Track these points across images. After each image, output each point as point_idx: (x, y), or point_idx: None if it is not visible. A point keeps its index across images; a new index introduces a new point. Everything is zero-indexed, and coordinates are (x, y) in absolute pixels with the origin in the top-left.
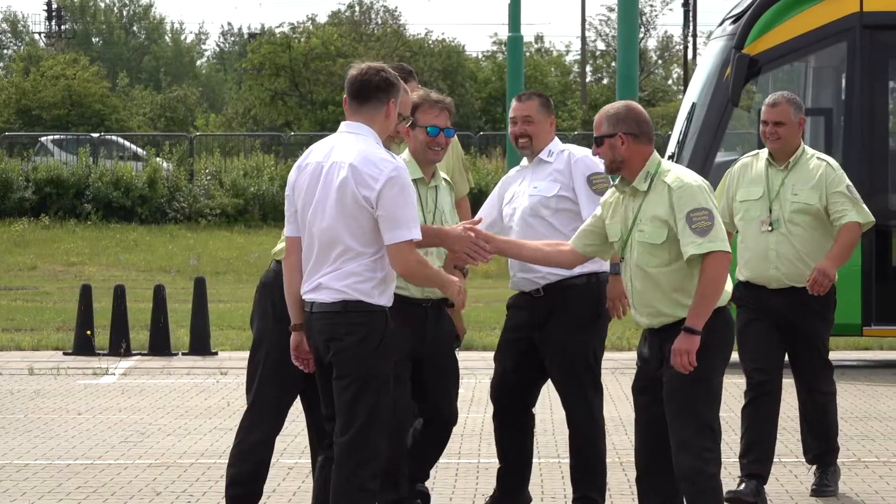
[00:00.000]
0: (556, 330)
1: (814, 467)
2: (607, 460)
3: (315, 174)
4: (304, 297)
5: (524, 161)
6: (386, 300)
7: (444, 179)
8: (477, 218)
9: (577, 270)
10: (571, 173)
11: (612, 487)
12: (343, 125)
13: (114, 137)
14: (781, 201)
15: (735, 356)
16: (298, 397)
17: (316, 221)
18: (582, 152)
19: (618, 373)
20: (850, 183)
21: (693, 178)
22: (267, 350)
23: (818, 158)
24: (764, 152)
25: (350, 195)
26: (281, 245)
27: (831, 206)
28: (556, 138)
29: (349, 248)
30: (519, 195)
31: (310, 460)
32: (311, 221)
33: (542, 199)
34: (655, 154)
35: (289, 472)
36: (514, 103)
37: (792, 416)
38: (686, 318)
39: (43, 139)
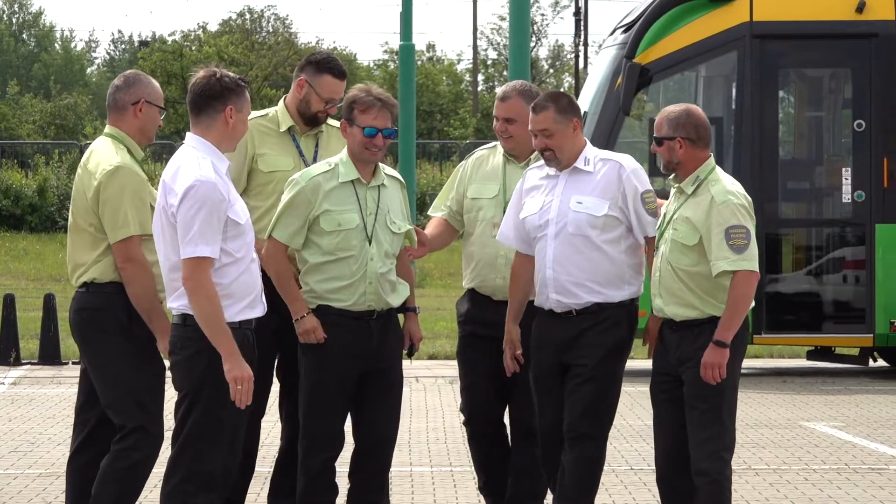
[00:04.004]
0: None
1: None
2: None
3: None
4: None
5: (543, 164)
6: (233, 315)
7: (393, 176)
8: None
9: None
10: (623, 190)
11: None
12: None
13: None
14: None
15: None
16: None
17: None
18: (630, 163)
19: None
20: None
21: (737, 192)
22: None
23: None
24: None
25: (162, 210)
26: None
27: None
28: (587, 141)
29: (177, 264)
30: (552, 207)
31: None
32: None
33: (590, 217)
34: (711, 160)
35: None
36: (530, 115)
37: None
38: (716, 332)
39: None
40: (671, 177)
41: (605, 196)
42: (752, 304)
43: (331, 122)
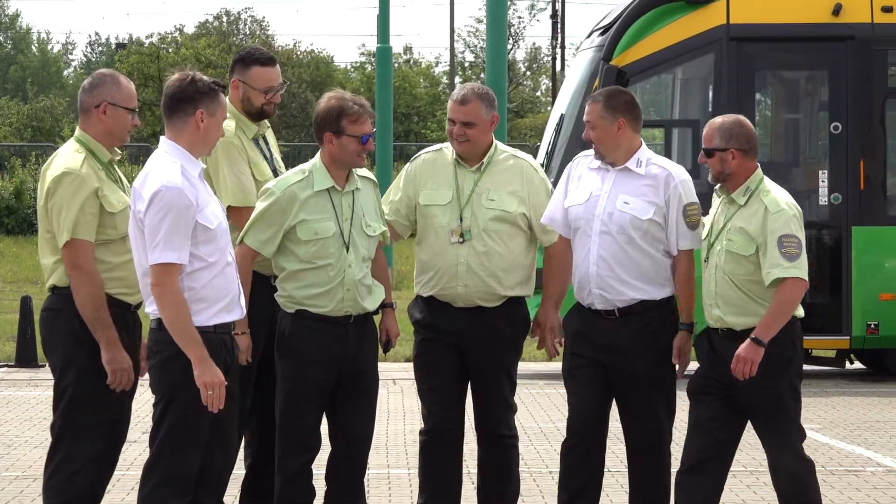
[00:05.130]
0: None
1: None
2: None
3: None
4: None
5: (594, 156)
6: (206, 319)
7: (365, 177)
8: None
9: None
10: (668, 197)
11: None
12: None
13: None
14: (474, 207)
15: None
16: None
17: None
18: (680, 172)
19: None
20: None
21: (789, 203)
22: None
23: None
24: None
25: (133, 216)
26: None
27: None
28: (643, 143)
29: (148, 270)
30: (599, 202)
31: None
32: None
33: (634, 219)
34: (759, 170)
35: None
36: (587, 104)
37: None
38: (755, 330)
39: None
40: (717, 187)
41: (651, 200)
42: (801, 311)
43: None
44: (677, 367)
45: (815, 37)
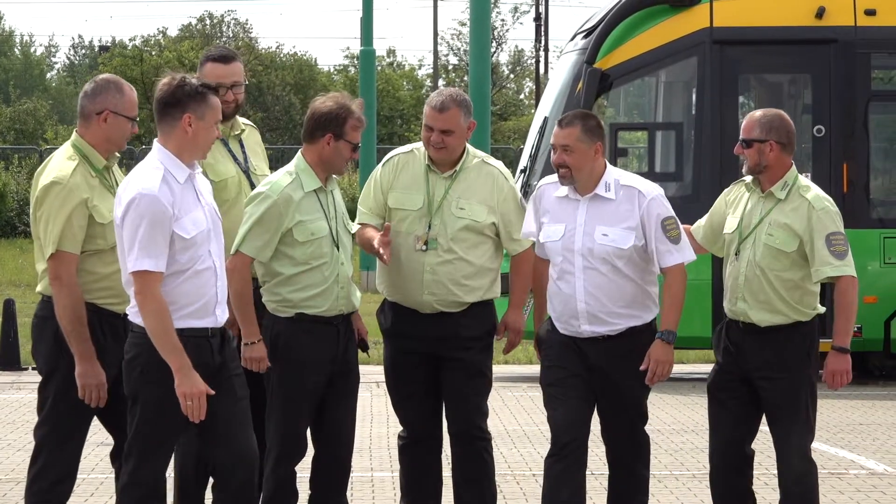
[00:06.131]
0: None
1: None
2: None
3: None
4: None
5: (558, 183)
6: (183, 324)
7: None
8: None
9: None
10: (643, 219)
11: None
12: None
13: None
14: (444, 216)
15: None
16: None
17: None
18: (650, 189)
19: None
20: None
21: (830, 200)
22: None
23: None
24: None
25: (116, 221)
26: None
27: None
28: (608, 165)
29: (129, 278)
30: (576, 237)
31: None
32: None
33: (616, 250)
34: (794, 166)
35: (98, 487)
36: (555, 129)
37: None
38: (834, 340)
39: None
40: (749, 179)
41: (628, 226)
42: (822, 308)
43: (244, 121)
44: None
45: (799, 40)
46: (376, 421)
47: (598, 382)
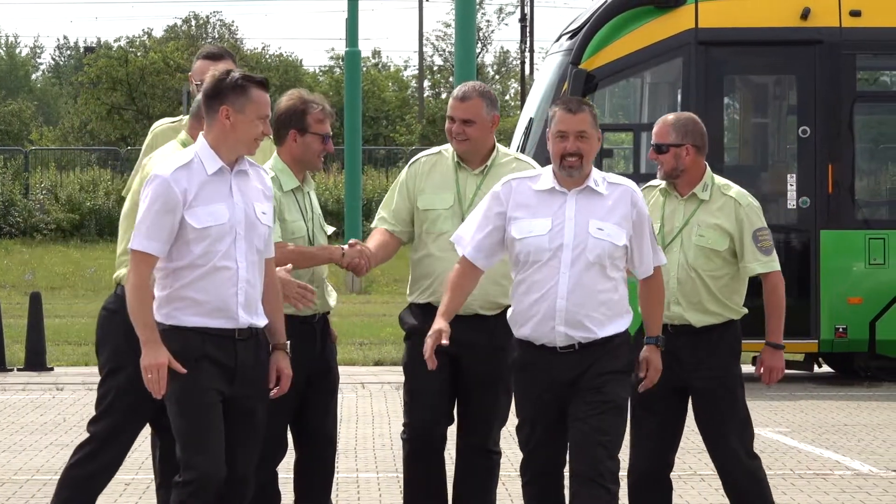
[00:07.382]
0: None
1: None
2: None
3: None
4: None
5: (534, 177)
6: (183, 319)
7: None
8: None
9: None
10: (635, 215)
11: None
12: None
13: None
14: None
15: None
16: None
17: None
18: (635, 186)
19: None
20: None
21: (751, 195)
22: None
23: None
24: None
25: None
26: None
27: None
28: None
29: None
30: (565, 230)
31: (151, 476)
32: None
33: (611, 246)
34: (708, 167)
35: (126, 487)
36: (559, 114)
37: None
38: (768, 336)
39: None
40: (662, 184)
41: (621, 224)
42: (744, 310)
43: None
44: (643, 379)
45: (784, 41)
46: (362, 422)
47: (573, 395)
